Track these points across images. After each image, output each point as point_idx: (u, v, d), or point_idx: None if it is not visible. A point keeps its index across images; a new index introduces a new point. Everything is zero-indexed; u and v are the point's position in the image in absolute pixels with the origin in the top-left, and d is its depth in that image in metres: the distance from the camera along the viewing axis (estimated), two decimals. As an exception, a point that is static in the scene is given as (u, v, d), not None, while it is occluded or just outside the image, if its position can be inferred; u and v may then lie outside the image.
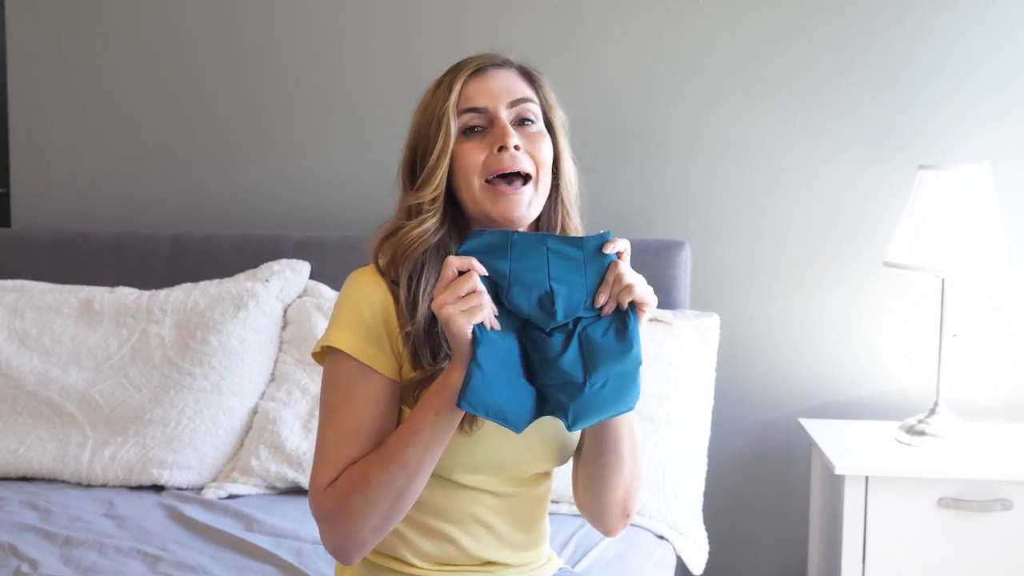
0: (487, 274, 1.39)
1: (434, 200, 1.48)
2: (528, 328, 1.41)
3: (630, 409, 1.42)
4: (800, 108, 2.78)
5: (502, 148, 1.46)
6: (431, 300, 1.40)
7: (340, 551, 1.47)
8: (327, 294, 2.66)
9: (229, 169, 2.98)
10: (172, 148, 3.00)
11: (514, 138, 1.47)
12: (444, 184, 1.48)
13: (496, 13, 2.85)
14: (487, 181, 1.47)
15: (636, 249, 2.63)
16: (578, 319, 1.40)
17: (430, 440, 1.40)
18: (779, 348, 2.82)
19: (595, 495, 1.55)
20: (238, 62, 2.96)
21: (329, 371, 1.50)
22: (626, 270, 1.39)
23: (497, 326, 1.39)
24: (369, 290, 1.49)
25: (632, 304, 1.39)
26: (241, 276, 2.69)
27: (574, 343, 1.39)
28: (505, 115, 1.49)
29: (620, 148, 2.82)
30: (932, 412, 2.57)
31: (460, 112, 1.49)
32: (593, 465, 1.52)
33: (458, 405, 1.35)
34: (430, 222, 1.48)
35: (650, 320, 2.53)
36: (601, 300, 1.39)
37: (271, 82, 2.94)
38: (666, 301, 2.64)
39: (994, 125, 2.72)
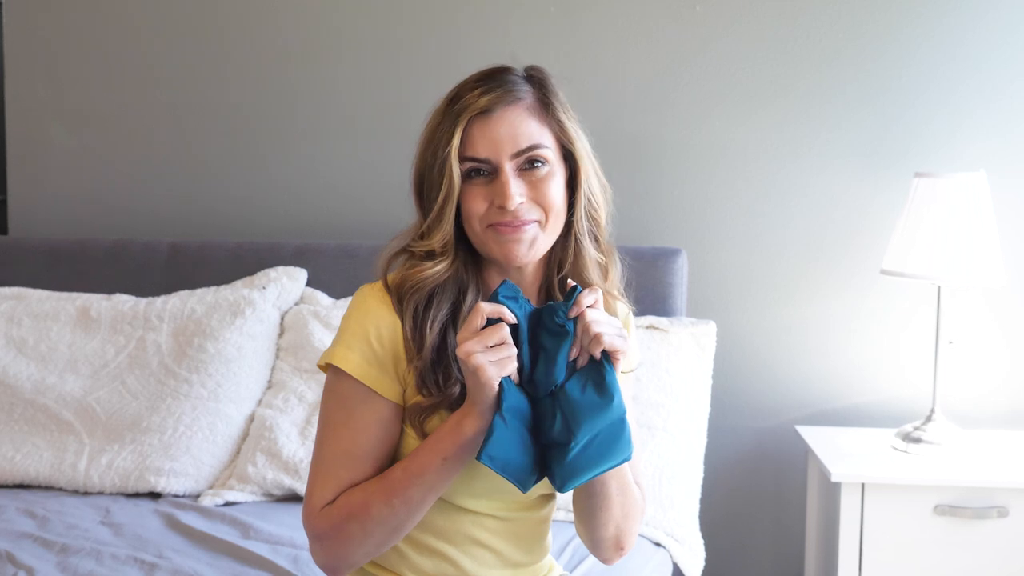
0: (515, 322, 1.37)
1: (444, 245, 1.45)
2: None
3: (625, 460, 1.37)
4: (796, 116, 2.79)
5: (502, 207, 1.42)
6: (440, 331, 1.42)
7: (330, 569, 1.48)
8: (324, 301, 2.66)
9: (226, 177, 2.98)
10: (170, 156, 3.00)
11: (515, 198, 1.41)
12: (452, 228, 1.45)
13: (493, 21, 2.85)
14: (489, 225, 1.44)
15: (633, 257, 2.63)
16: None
17: (435, 482, 1.40)
18: (776, 356, 2.82)
19: (587, 529, 1.54)
20: (235, 70, 2.96)
21: (331, 387, 1.49)
22: (595, 319, 1.36)
23: (517, 379, 1.37)
24: (377, 311, 1.46)
25: (606, 353, 1.36)
26: (238, 283, 2.69)
27: (558, 404, 1.37)
28: (509, 167, 1.42)
29: (617, 156, 2.82)
30: (928, 419, 2.58)
31: (462, 159, 1.43)
32: (582, 503, 1.51)
33: (479, 458, 1.33)
34: (442, 265, 1.45)
35: (647, 328, 2.54)
36: (573, 353, 1.37)
37: (268, 90, 2.95)
38: (663, 309, 2.64)
39: (990, 133, 2.73)
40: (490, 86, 1.45)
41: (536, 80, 1.49)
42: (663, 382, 2.47)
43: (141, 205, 3.01)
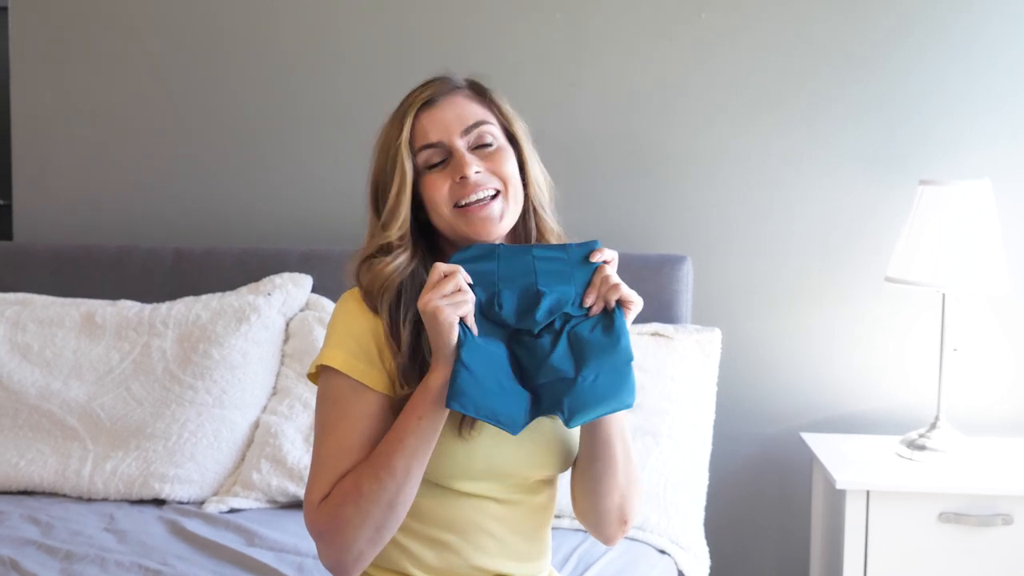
0: (472, 283, 1.45)
1: (402, 237, 1.52)
2: (518, 334, 1.47)
3: (628, 406, 1.44)
4: (801, 123, 2.79)
5: (463, 178, 1.49)
6: (413, 328, 1.48)
7: (338, 567, 1.48)
8: (329, 308, 2.66)
9: (231, 182, 2.98)
10: (174, 161, 3.01)
11: (472, 166, 1.50)
12: (408, 220, 1.52)
13: (498, 27, 2.86)
14: (456, 206, 1.51)
15: (638, 264, 2.65)
16: (567, 319, 1.46)
17: (416, 446, 1.43)
18: (780, 363, 2.82)
19: (591, 501, 1.57)
20: (240, 76, 2.97)
21: (323, 390, 1.52)
22: (612, 272, 1.47)
23: (475, 329, 1.43)
24: (359, 312, 1.52)
25: (619, 303, 1.46)
26: (243, 289, 2.69)
27: (563, 341, 1.45)
28: (461, 144, 1.52)
29: (622, 163, 2.83)
30: (933, 427, 2.57)
31: (417, 149, 1.52)
32: (588, 471, 1.55)
33: (447, 405, 1.38)
34: (401, 258, 1.52)
35: (652, 335, 2.54)
36: (589, 300, 1.47)
37: (273, 95, 2.95)
38: (667, 315, 2.64)
39: (994, 141, 2.73)
40: (429, 83, 1.57)
41: (470, 80, 1.60)
42: (668, 389, 2.47)
43: (146, 211, 3.02)
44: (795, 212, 2.80)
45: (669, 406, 2.44)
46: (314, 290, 2.73)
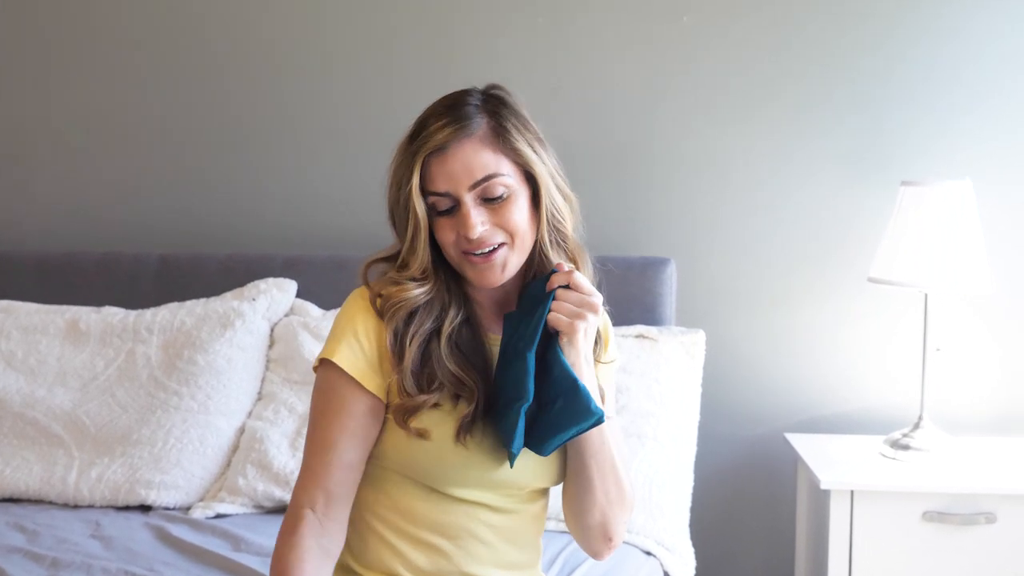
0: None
1: (423, 271, 1.52)
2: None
3: (579, 429, 1.46)
4: (783, 126, 2.80)
5: (467, 235, 1.47)
6: (422, 343, 1.50)
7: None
8: (314, 312, 2.67)
9: (216, 188, 2.98)
10: (159, 168, 3.00)
11: (477, 227, 1.47)
12: (428, 257, 1.51)
13: (481, 32, 2.86)
14: (464, 252, 1.50)
15: (622, 266, 2.66)
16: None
17: None
18: (765, 364, 2.83)
19: (574, 516, 1.59)
20: (225, 81, 2.96)
21: (319, 382, 1.55)
22: (563, 296, 1.48)
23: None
24: (365, 313, 1.54)
25: (557, 331, 1.49)
26: (228, 295, 2.69)
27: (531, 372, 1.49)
28: (468, 199, 1.47)
29: (605, 166, 2.84)
30: (916, 426, 2.59)
31: (425, 194, 1.49)
32: (569, 487, 1.57)
33: (540, 452, 1.49)
34: (423, 289, 1.52)
35: (636, 337, 2.56)
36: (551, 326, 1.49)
37: (258, 101, 2.95)
38: (652, 318, 2.65)
39: (975, 142, 2.75)
40: (446, 121, 1.48)
41: (491, 109, 1.51)
42: (653, 391, 2.47)
43: (130, 217, 3.01)
44: (778, 213, 2.82)
45: (654, 408, 2.45)
46: (299, 295, 2.73)
